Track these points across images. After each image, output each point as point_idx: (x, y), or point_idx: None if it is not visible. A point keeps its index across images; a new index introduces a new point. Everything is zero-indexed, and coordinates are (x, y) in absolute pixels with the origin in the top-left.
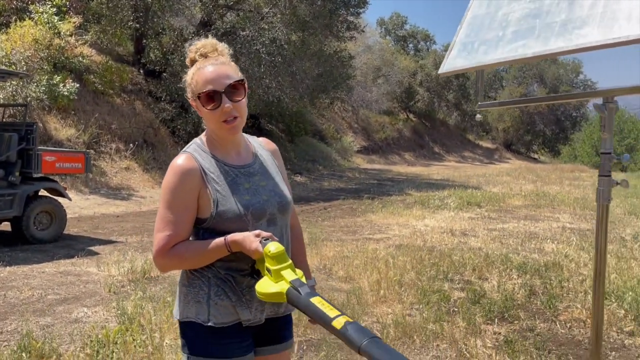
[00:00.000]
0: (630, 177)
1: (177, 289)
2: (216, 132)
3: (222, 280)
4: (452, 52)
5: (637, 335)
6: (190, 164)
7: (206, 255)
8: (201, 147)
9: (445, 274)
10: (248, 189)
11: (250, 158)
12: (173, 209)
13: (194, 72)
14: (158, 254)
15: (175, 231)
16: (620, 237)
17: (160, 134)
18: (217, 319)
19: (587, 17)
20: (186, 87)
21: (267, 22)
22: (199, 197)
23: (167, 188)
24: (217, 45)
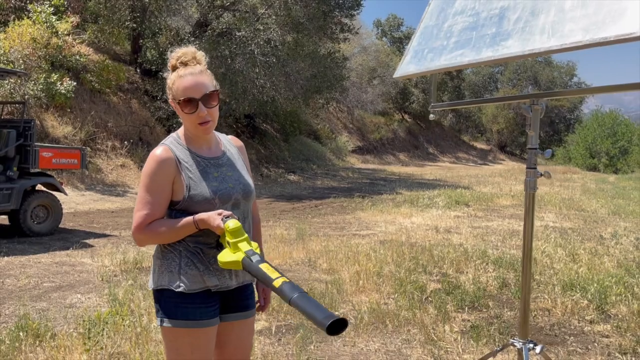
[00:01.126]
0: (621, 178)
1: (152, 263)
2: (192, 130)
3: (191, 253)
4: (406, 58)
5: (597, 323)
6: (167, 154)
7: (177, 231)
8: (177, 140)
9: (424, 267)
10: (217, 177)
11: (220, 152)
12: (151, 191)
13: (175, 79)
14: (136, 230)
15: (151, 210)
16: (599, 236)
17: (156, 132)
18: (187, 285)
19: (512, 31)
20: (167, 90)
21: (262, 23)
22: (173, 182)
23: (146, 174)
24: (195, 53)
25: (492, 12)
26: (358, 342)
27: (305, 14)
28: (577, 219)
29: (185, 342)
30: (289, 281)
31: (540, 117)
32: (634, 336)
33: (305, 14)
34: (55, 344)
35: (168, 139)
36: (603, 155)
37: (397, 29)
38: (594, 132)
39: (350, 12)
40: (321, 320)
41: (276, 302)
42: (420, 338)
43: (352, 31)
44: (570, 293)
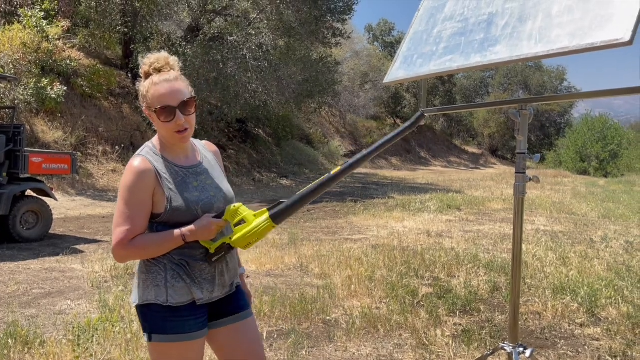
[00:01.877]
0: (611, 182)
1: (135, 277)
2: (168, 139)
3: (177, 265)
4: (395, 63)
5: (587, 326)
6: (145, 166)
7: (163, 246)
8: (153, 151)
9: (416, 271)
10: (197, 186)
11: (196, 160)
12: (131, 205)
13: (149, 87)
14: (118, 246)
15: (133, 225)
16: (589, 239)
17: (148, 137)
18: (175, 299)
19: (500, 37)
20: (140, 98)
21: (254, 27)
22: (153, 194)
23: (125, 187)
24: (169, 59)
25: (480, 18)
26: (350, 347)
27: (297, 18)
28: (568, 222)
29: (175, 356)
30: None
31: (529, 122)
32: (624, 339)
33: (297, 19)
34: (44, 351)
35: (143, 150)
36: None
37: (389, 34)
38: (584, 136)
39: (342, 17)
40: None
41: (267, 307)
42: (411, 342)
43: (344, 36)
44: (560, 296)
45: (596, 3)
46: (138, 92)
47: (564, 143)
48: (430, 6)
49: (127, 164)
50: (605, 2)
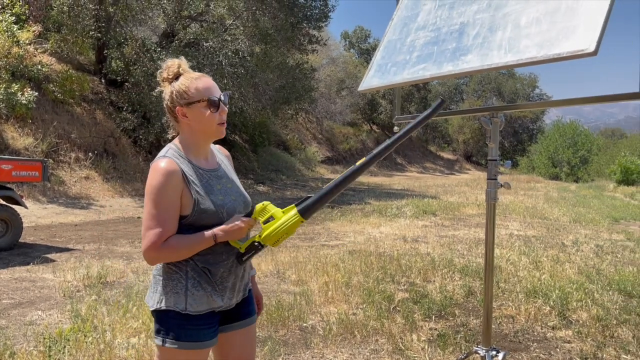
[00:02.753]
0: (582, 187)
1: (153, 281)
2: (203, 136)
3: (198, 273)
4: (370, 71)
5: (559, 329)
6: (173, 167)
7: (195, 247)
8: (178, 152)
9: (392, 277)
10: (220, 189)
11: (216, 163)
12: (161, 207)
13: (190, 83)
14: (150, 249)
15: (164, 227)
16: (561, 243)
17: (122, 144)
18: (193, 307)
19: (471, 46)
20: (174, 96)
21: (230, 34)
22: (181, 196)
23: (153, 188)
24: (187, 64)
25: (452, 27)
26: (326, 354)
27: (273, 25)
28: (540, 227)
29: None
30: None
31: (500, 129)
32: (595, 341)
33: (273, 25)
34: None
35: (168, 151)
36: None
37: (365, 41)
38: (556, 142)
39: (318, 24)
40: None
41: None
42: (388, 348)
43: (320, 42)
44: (533, 300)
45: (562, 15)
46: (165, 95)
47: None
48: (404, 15)
49: (151, 168)
50: (571, 14)
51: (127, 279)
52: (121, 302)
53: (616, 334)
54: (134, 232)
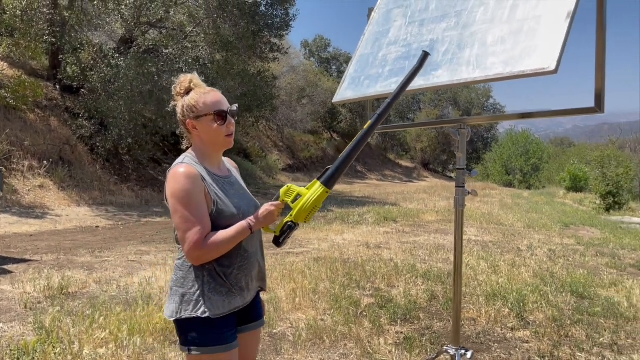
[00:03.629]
0: (534, 193)
1: (170, 293)
2: (213, 146)
3: (213, 278)
4: (344, 84)
5: (517, 329)
6: (193, 170)
7: (234, 239)
8: (194, 160)
9: (358, 283)
10: (234, 194)
11: (227, 172)
12: (193, 207)
13: (199, 97)
14: (194, 248)
15: (202, 225)
16: (517, 248)
17: (78, 151)
18: (212, 311)
19: (441, 62)
20: (183, 110)
21: (190, 41)
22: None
23: (181, 192)
24: (199, 78)
25: (422, 43)
26: (297, 359)
27: (234, 33)
28: (497, 232)
29: None
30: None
31: (467, 140)
32: (551, 341)
33: (234, 33)
34: None
35: (185, 159)
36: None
37: (325, 50)
38: (509, 151)
39: (279, 33)
40: None
41: None
42: (356, 352)
43: (282, 51)
44: (493, 302)
45: (525, 35)
46: (178, 109)
47: (490, 157)
48: (375, 31)
49: (170, 175)
50: (533, 35)
51: (90, 289)
52: (86, 312)
53: (570, 333)
54: (93, 241)
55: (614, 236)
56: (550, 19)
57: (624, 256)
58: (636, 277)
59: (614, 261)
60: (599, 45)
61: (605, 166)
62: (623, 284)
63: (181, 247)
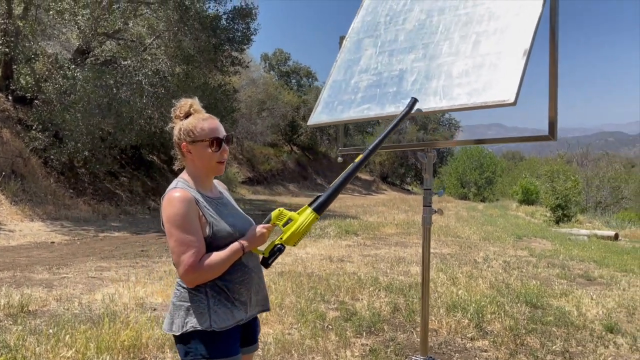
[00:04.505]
0: (488, 206)
1: (172, 307)
2: (205, 171)
3: (217, 292)
4: (318, 108)
5: (476, 339)
6: (187, 194)
7: (227, 261)
8: (187, 184)
9: (322, 296)
10: (228, 213)
11: (219, 193)
12: (189, 230)
13: (197, 122)
14: (190, 270)
15: (197, 248)
16: (474, 260)
17: (31, 164)
18: (218, 324)
19: (410, 91)
20: (180, 134)
21: (150, 53)
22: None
23: (177, 215)
24: (199, 104)
25: (392, 73)
26: None
27: (195, 46)
28: (454, 245)
29: None
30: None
31: (433, 162)
32: (508, 349)
33: (195, 47)
34: None
35: (178, 184)
36: (472, 185)
37: (284, 63)
38: (464, 164)
39: (240, 47)
40: None
41: None
42: None
43: (243, 65)
44: (453, 314)
45: (487, 69)
46: (175, 131)
47: (446, 170)
48: (347, 58)
49: (165, 200)
50: (494, 69)
51: (51, 307)
52: (50, 331)
53: (526, 342)
54: (50, 258)
55: (564, 248)
56: (510, 55)
57: (573, 267)
58: (584, 287)
59: (564, 272)
60: (552, 78)
61: (554, 180)
62: (573, 293)
63: (177, 270)
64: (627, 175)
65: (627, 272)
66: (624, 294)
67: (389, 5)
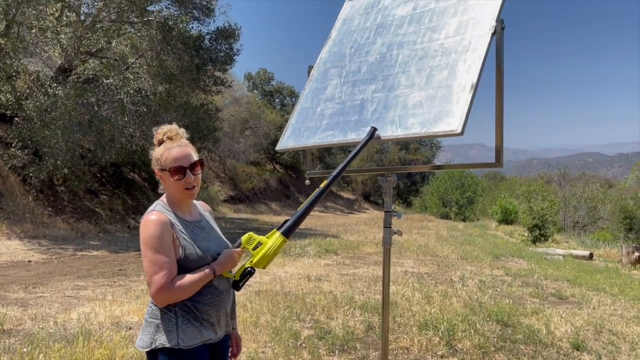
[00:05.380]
0: (468, 225)
1: (144, 325)
2: (177, 196)
3: (186, 311)
4: (286, 133)
5: (446, 357)
6: (163, 217)
7: (198, 283)
8: (164, 207)
9: (298, 315)
10: (204, 237)
11: (199, 216)
12: (162, 252)
13: (164, 151)
14: (160, 291)
15: (169, 269)
16: (450, 279)
17: (9, 182)
18: (185, 342)
19: (370, 120)
20: (153, 161)
21: (132, 72)
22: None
23: (151, 238)
24: (178, 130)
25: (355, 102)
26: None
27: (178, 66)
28: (432, 264)
29: None
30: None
31: (393, 186)
32: None
33: (178, 66)
34: None
35: (156, 206)
36: (453, 205)
37: (268, 83)
38: (445, 184)
39: (223, 67)
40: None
41: None
42: None
43: (225, 84)
44: (425, 332)
45: (438, 101)
46: (152, 158)
47: (428, 190)
48: (314, 87)
49: (142, 222)
50: (445, 102)
51: (26, 326)
52: (24, 350)
53: (494, 359)
54: (26, 277)
55: (539, 267)
56: (458, 89)
57: (547, 286)
58: (556, 305)
59: (537, 291)
60: (498, 110)
61: (531, 200)
62: (544, 312)
63: (149, 289)
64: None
65: (598, 291)
66: (594, 312)
67: (354, 38)
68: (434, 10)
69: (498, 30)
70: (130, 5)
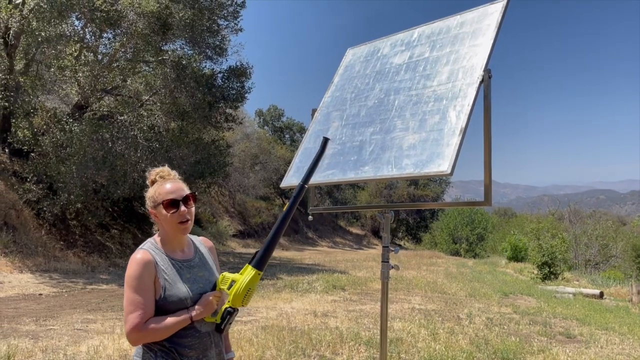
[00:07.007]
0: (478, 262)
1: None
2: (171, 232)
3: (166, 353)
4: (290, 172)
5: None
6: (147, 257)
7: (173, 327)
8: (155, 245)
9: (303, 350)
10: (189, 278)
11: (192, 254)
12: (140, 292)
13: (157, 187)
14: (133, 330)
15: (144, 310)
16: (457, 316)
17: (24, 216)
18: None
19: (367, 160)
20: (147, 201)
21: (146, 109)
22: (154, 282)
23: (132, 277)
24: (170, 171)
25: (354, 143)
26: None
27: (190, 103)
28: (440, 301)
29: None
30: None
31: (390, 222)
32: None
33: (190, 104)
34: None
35: (146, 244)
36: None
37: (278, 119)
38: (455, 220)
39: (235, 104)
40: None
41: None
42: None
43: (236, 121)
44: None
45: (430, 144)
46: (146, 198)
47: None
48: (317, 129)
49: (129, 260)
50: (436, 145)
51: (37, 358)
52: None
53: None
54: (37, 309)
55: (548, 305)
56: (449, 133)
57: (555, 324)
58: (564, 344)
59: (545, 329)
60: (486, 151)
61: (540, 237)
62: (550, 350)
63: (124, 327)
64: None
65: (607, 330)
66: (601, 351)
67: (355, 84)
68: (428, 59)
69: (485, 79)
70: (146, 45)
